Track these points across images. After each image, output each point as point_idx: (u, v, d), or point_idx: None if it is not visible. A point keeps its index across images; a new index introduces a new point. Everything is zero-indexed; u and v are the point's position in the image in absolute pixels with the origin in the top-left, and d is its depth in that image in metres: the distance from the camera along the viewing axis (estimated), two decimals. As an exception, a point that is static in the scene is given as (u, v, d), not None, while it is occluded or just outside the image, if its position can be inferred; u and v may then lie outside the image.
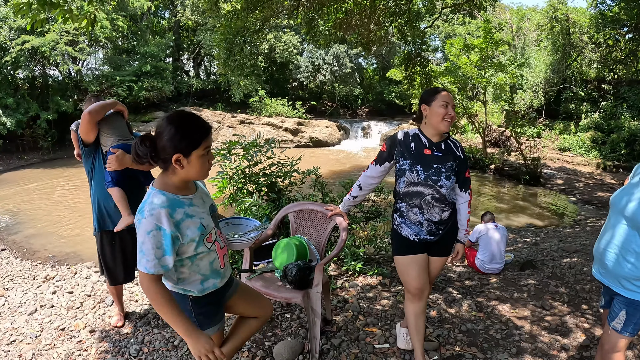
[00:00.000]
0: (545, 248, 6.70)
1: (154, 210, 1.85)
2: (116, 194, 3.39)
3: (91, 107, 3.29)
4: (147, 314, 4.07)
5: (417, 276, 2.91)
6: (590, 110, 19.54)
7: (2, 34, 17.21)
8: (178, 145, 1.87)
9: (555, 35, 19.56)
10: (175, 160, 1.88)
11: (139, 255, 1.85)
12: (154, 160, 1.91)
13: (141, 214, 1.85)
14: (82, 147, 3.49)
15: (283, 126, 23.98)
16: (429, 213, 2.84)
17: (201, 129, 1.92)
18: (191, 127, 1.90)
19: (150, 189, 1.93)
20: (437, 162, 2.80)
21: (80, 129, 3.36)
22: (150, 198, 1.89)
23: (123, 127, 3.51)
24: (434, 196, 2.81)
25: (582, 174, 15.89)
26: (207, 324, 2.15)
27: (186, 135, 1.88)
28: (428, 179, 2.80)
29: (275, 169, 5.24)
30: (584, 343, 3.42)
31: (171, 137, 1.86)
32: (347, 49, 28.48)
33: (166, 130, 1.87)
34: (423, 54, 12.94)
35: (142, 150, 1.89)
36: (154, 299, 1.89)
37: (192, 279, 2.05)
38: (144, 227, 1.83)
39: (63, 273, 5.68)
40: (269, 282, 3.27)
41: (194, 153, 1.90)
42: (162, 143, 1.87)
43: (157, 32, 27.34)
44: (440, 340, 3.44)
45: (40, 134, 19.41)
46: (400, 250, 2.95)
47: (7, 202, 12.08)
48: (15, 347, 3.58)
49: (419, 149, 2.83)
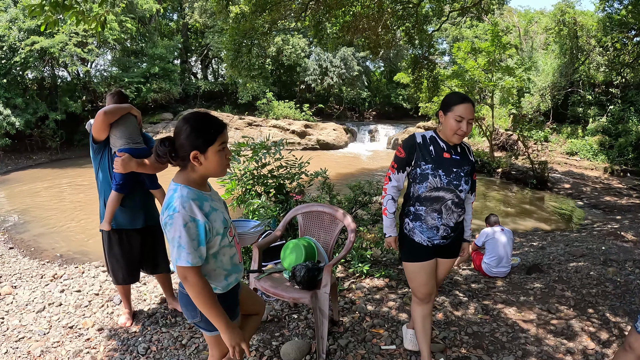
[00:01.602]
0: (552, 252, 6.69)
1: (185, 202, 1.93)
2: (112, 198, 3.46)
3: (107, 108, 3.35)
4: (155, 313, 4.11)
5: (426, 283, 2.92)
6: (597, 114, 19.45)
7: (11, 35, 17.35)
8: (194, 143, 1.96)
9: (562, 38, 19.51)
10: (193, 157, 1.97)
11: (176, 251, 1.91)
12: (174, 159, 2.00)
13: (172, 209, 1.91)
14: (92, 144, 3.53)
15: (290, 129, 24.02)
16: (447, 218, 2.83)
17: (215, 126, 2.01)
18: (206, 125, 1.99)
19: (174, 185, 2.00)
20: (456, 166, 2.80)
21: (94, 126, 3.40)
22: (178, 192, 1.96)
23: (135, 129, 3.54)
24: (454, 201, 2.80)
25: (590, 178, 15.83)
26: (231, 316, 2.20)
27: (201, 133, 1.97)
28: (450, 183, 2.78)
29: (283, 171, 5.28)
30: (589, 346, 3.44)
31: (187, 135, 1.96)
32: (354, 52, 28.50)
33: (183, 130, 1.97)
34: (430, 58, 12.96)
35: (161, 150, 1.99)
36: (198, 291, 1.97)
37: (217, 275, 2.12)
38: (177, 221, 1.90)
39: (71, 272, 5.72)
40: (277, 282, 3.31)
41: (210, 149, 1.99)
42: (179, 142, 1.97)
43: (165, 34, 27.51)
44: (447, 342, 3.46)
45: (49, 134, 19.57)
46: (410, 257, 2.93)
47: (15, 201, 12.18)
48: (24, 344, 3.63)
49: (439, 153, 2.80)
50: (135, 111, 3.58)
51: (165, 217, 1.93)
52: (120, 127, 3.44)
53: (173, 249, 1.93)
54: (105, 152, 3.54)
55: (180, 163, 2.04)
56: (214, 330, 2.17)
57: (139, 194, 3.62)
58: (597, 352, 3.36)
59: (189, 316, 2.20)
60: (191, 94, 27.32)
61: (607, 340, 3.51)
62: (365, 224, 5.46)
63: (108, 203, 3.47)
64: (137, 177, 3.50)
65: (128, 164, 3.31)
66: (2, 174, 16.51)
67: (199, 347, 3.45)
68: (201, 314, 2.09)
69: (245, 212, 5.07)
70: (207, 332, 2.23)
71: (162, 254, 3.94)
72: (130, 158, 3.32)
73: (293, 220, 3.78)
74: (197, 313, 2.13)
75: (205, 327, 2.20)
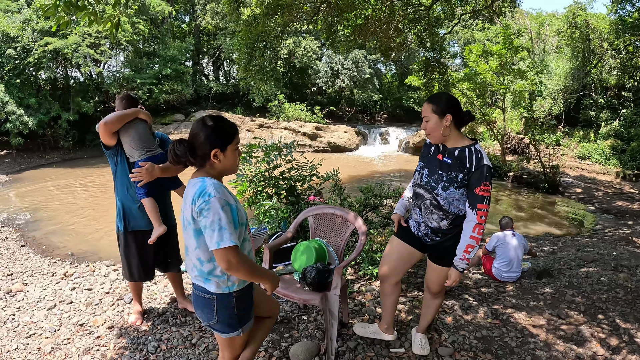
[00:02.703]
0: (563, 257, 6.65)
1: (218, 188, 2.06)
2: (148, 205, 3.51)
3: (107, 119, 3.35)
4: (166, 312, 4.15)
5: (389, 260, 3.11)
6: (610, 118, 19.30)
7: (25, 35, 17.54)
8: (215, 141, 2.10)
9: (574, 41, 19.38)
10: (214, 155, 2.10)
11: (217, 233, 1.98)
12: (193, 158, 2.09)
13: (207, 195, 2.00)
14: (104, 149, 3.58)
15: (301, 131, 24.04)
16: (426, 217, 2.90)
17: (233, 127, 2.18)
18: (224, 125, 2.15)
19: (198, 179, 2.08)
20: (443, 169, 2.78)
21: (100, 135, 3.44)
22: (207, 181, 2.07)
23: (147, 136, 3.53)
24: (432, 202, 2.83)
25: (601, 182, 15.71)
26: (246, 319, 2.28)
27: (222, 132, 2.12)
28: (428, 184, 2.84)
29: (294, 172, 5.30)
30: (598, 352, 3.42)
31: (208, 134, 2.08)
32: (366, 54, 28.47)
33: (203, 130, 2.09)
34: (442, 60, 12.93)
35: (181, 150, 2.07)
36: (245, 267, 2.07)
37: None
38: (215, 204, 1.99)
39: (82, 270, 5.79)
40: (288, 283, 3.34)
41: (229, 147, 2.14)
42: (200, 141, 2.08)
43: (177, 36, 27.64)
44: (455, 346, 3.46)
45: (61, 134, 19.75)
46: (397, 232, 3.14)
47: (28, 199, 12.30)
48: (34, 341, 3.68)
49: (434, 153, 2.86)
50: (144, 115, 3.55)
51: (200, 204, 2.00)
52: (131, 137, 3.44)
53: (213, 232, 1.98)
54: (119, 156, 3.57)
55: (199, 162, 2.13)
56: (228, 332, 2.23)
57: (162, 196, 3.68)
58: (606, 358, 3.35)
59: (205, 319, 2.24)
60: (203, 96, 27.44)
61: (617, 347, 3.49)
62: (376, 226, 5.48)
63: (147, 211, 3.53)
64: (159, 180, 3.53)
65: (152, 172, 3.36)
66: (15, 173, 16.68)
67: (208, 347, 3.49)
68: (218, 316, 2.16)
69: (257, 213, 5.10)
70: (222, 334, 2.27)
71: (175, 253, 4.00)
72: (153, 166, 3.37)
73: (304, 222, 3.80)
74: (213, 315, 2.18)
75: (220, 329, 2.25)
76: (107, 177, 15.14)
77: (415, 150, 23.33)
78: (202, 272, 2.16)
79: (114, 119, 3.35)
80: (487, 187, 2.68)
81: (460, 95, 17.02)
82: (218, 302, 2.18)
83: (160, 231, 3.55)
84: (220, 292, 2.17)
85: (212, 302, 2.18)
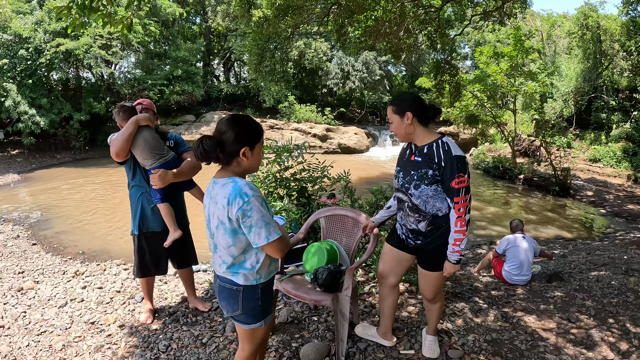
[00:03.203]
0: (573, 260, 6.62)
1: (252, 186, 2.14)
2: (164, 210, 3.56)
3: (117, 148, 3.39)
4: (176, 311, 4.18)
5: (383, 263, 3.19)
6: (621, 120, 19.11)
7: (37, 36, 17.73)
8: (246, 140, 2.17)
9: (586, 43, 19.23)
10: (243, 153, 2.16)
11: (264, 230, 2.10)
12: (222, 154, 2.15)
13: (245, 196, 2.07)
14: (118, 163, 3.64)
15: (312, 132, 24.07)
16: (405, 219, 2.94)
17: (260, 127, 2.27)
18: (254, 125, 2.23)
19: (227, 179, 2.16)
20: (415, 168, 2.78)
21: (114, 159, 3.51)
22: (240, 182, 2.13)
23: (157, 142, 3.52)
24: (409, 205, 2.85)
25: (613, 185, 15.59)
26: (268, 311, 2.36)
27: (251, 131, 2.20)
28: (402, 186, 2.86)
29: (305, 174, 5.32)
30: (608, 357, 3.41)
31: (239, 132, 2.15)
32: (376, 56, 28.44)
33: (233, 128, 2.15)
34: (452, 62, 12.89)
35: (209, 146, 2.11)
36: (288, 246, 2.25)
37: (265, 263, 2.28)
38: (255, 203, 2.09)
39: (92, 269, 5.84)
40: (299, 284, 3.37)
41: (256, 146, 2.23)
42: (230, 139, 2.14)
43: (188, 37, 27.79)
44: (465, 349, 3.46)
45: (73, 134, 19.97)
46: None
47: (39, 198, 12.42)
48: (46, 338, 3.72)
49: (409, 156, 2.87)
50: (144, 120, 3.48)
51: (241, 205, 2.07)
52: (141, 148, 3.44)
53: (261, 229, 2.09)
54: (132, 162, 3.62)
55: (225, 159, 2.18)
56: (251, 323, 2.31)
57: (177, 199, 3.73)
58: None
59: (229, 310, 2.32)
60: (213, 97, 27.57)
61: (627, 351, 3.48)
62: (387, 228, 5.49)
63: (163, 216, 3.59)
64: (173, 182, 3.57)
65: (165, 177, 3.41)
66: (26, 172, 16.86)
67: (219, 347, 3.51)
68: (243, 307, 2.26)
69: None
70: (244, 325, 2.34)
71: (190, 251, 4.06)
72: (166, 172, 3.42)
73: (315, 224, 3.82)
74: (238, 307, 2.28)
75: (244, 320, 2.32)
76: (117, 177, 15.26)
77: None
78: (233, 267, 2.24)
79: (122, 145, 3.38)
80: (462, 177, 2.62)
81: (471, 97, 16.97)
82: (244, 294, 2.26)
83: (176, 236, 3.61)
84: (247, 284, 2.25)
85: (239, 294, 2.26)
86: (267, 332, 2.51)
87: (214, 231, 2.24)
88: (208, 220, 2.28)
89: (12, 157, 18.56)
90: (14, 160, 18.15)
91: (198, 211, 2.88)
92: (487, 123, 18.24)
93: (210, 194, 2.21)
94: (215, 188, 2.18)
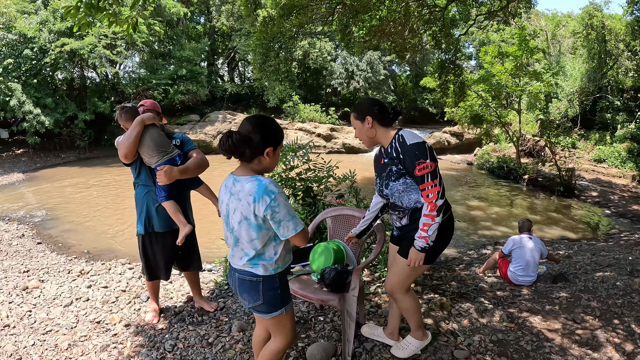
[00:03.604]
0: (578, 261, 6.61)
1: (275, 183, 2.24)
2: (170, 207, 3.55)
3: (125, 150, 3.41)
4: (182, 311, 4.18)
5: (390, 260, 3.24)
6: (626, 121, 19.05)
7: (42, 36, 17.78)
8: (271, 140, 2.28)
9: (590, 42, 19.18)
10: (267, 153, 2.27)
11: (292, 222, 2.24)
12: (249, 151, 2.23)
13: (272, 193, 2.18)
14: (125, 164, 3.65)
15: (316, 132, 24.08)
16: (392, 219, 3.02)
17: (282, 131, 2.37)
18: (278, 128, 2.34)
19: (250, 177, 2.25)
20: (383, 169, 2.85)
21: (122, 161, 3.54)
22: (263, 180, 2.22)
23: (162, 139, 3.52)
24: (390, 204, 2.95)
25: (617, 186, 15.54)
26: (287, 299, 2.48)
27: (276, 133, 2.31)
28: (380, 191, 2.94)
29: (311, 174, 5.32)
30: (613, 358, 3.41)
31: (266, 132, 2.26)
32: (380, 55, 28.45)
33: (261, 128, 2.25)
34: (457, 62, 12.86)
35: (239, 140, 2.20)
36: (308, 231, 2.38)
37: (282, 254, 2.38)
38: (281, 199, 2.20)
39: (97, 268, 5.85)
40: (305, 284, 3.38)
41: (278, 148, 2.35)
42: (257, 137, 2.23)
43: (192, 37, 27.86)
44: (471, 349, 3.46)
45: (78, 133, 20.03)
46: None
47: (44, 197, 12.46)
48: (51, 337, 3.72)
49: (379, 160, 2.93)
50: (149, 119, 3.47)
51: (268, 203, 2.17)
52: (147, 146, 3.45)
53: (289, 222, 2.23)
54: (138, 162, 3.63)
55: (249, 155, 2.25)
56: (273, 312, 2.42)
57: (175, 197, 3.71)
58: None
59: (250, 301, 2.41)
60: (218, 96, 27.60)
61: (632, 352, 3.47)
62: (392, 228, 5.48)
63: (170, 214, 3.58)
64: (179, 180, 3.57)
65: (171, 173, 3.40)
66: (31, 171, 16.91)
67: (225, 346, 3.51)
68: (263, 297, 2.37)
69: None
70: (266, 315, 2.43)
71: (196, 253, 4.05)
72: (171, 168, 3.40)
73: (321, 224, 3.83)
74: (259, 297, 2.38)
75: (265, 309, 2.42)
76: (122, 176, 15.28)
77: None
78: (254, 259, 2.33)
79: (130, 147, 3.40)
80: (423, 164, 2.63)
81: (476, 97, 16.95)
82: (264, 284, 2.35)
83: (187, 231, 3.58)
84: (267, 274, 2.34)
85: (259, 284, 2.35)
86: (293, 320, 2.56)
87: (235, 226, 2.31)
88: (227, 216, 2.36)
89: (17, 156, 18.62)
90: (19, 160, 18.22)
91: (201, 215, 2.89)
92: (491, 123, 18.23)
93: (231, 191, 2.30)
94: (237, 185, 2.27)
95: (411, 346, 3.28)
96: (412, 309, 3.12)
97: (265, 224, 2.25)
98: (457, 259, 7.24)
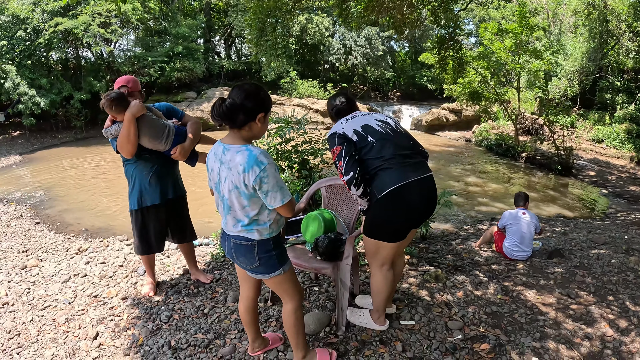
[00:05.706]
0: (574, 238, 6.61)
1: (266, 154, 2.29)
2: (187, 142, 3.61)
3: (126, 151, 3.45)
4: (178, 283, 4.22)
5: None
6: (626, 102, 18.94)
7: (35, 16, 17.47)
8: (263, 106, 2.32)
9: (592, 22, 18.94)
10: (259, 118, 2.31)
11: (280, 193, 2.30)
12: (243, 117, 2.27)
13: (262, 164, 2.23)
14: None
15: (314, 107, 23.90)
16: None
17: (270, 97, 2.42)
18: (267, 94, 2.38)
19: (240, 146, 2.29)
20: None
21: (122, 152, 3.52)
22: (253, 150, 2.26)
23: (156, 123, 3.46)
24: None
25: (615, 166, 15.54)
26: (284, 260, 2.55)
27: (267, 99, 2.35)
28: None
29: (307, 146, 5.30)
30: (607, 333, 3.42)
31: (257, 98, 2.29)
32: (379, 31, 28.21)
33: (253, 94, 2.29)
34: (456, 38, 12.70)
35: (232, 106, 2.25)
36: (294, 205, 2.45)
37: (276, 220, 2.45)
38: (271, 170, 2.25)
39: (96, 245, 5.87)
40: (300, 253, 3.38)
41: (268, 114, 2.40)
42: (249, 103, 2.26)
43: (188, 14, 27.52)
44: (465, 321, 3.47)
45: (74, 113, 19.82)
46: None
47: (41, 178, 12.40)
48: (49, 312, 3.76)
49: None
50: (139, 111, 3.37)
51: (258, 173, 2.22)
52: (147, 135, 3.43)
53: (276, 192, 2.28)
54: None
55: (240, 122, 2.29)
56: (271, 272, 2.50)
57: (167, 168, 3.71)
58: (615, 339, 3.33)
59: (247, 263, 2.50)
60: (215, 73, 27.38)
61: (626, 329, 3.48)
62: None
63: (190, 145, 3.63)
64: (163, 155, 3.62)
65: (185, 151, 3.55)
66: (28, 153, 16.82)
67: (220, 317, 3.54)
68: (259, 259, 2.45)
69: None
70: (265, 275, 2.51)
71: (189, 224, 4.07)
72: (182, 147, 3.53)
73: (316, 196, 3.81)
74: (255, 259, 2.45)
75: (264, 271, 2.50)
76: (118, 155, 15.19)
77: (428, 129, 23.28)
78: (248, 225, 2.39)
79: (131, 147, 3.43)
80: (332, 150, 2.84)
81: (475, 73, 16.83)
82: (259, 247, 2.42)
83: None
84: (261, 238, 2.41)
85: (254, 247, 2.42)
86: (294, 279, 2.63)
87: (226, 194, 2.36)
88: (217, 183, 2.40)
89: (13, 138, 18.50)
90: (15, 142, 18.11)
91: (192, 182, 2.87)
92: (490, 100, 18.12)
93: (221, 159, 2.33)
94: (227, 154, 2.29)
95: (362, 319, 3.28)
96: (377, 288, 3.08)
97: (256, 193, 2.30)
98: (454, 234, 7.26)
